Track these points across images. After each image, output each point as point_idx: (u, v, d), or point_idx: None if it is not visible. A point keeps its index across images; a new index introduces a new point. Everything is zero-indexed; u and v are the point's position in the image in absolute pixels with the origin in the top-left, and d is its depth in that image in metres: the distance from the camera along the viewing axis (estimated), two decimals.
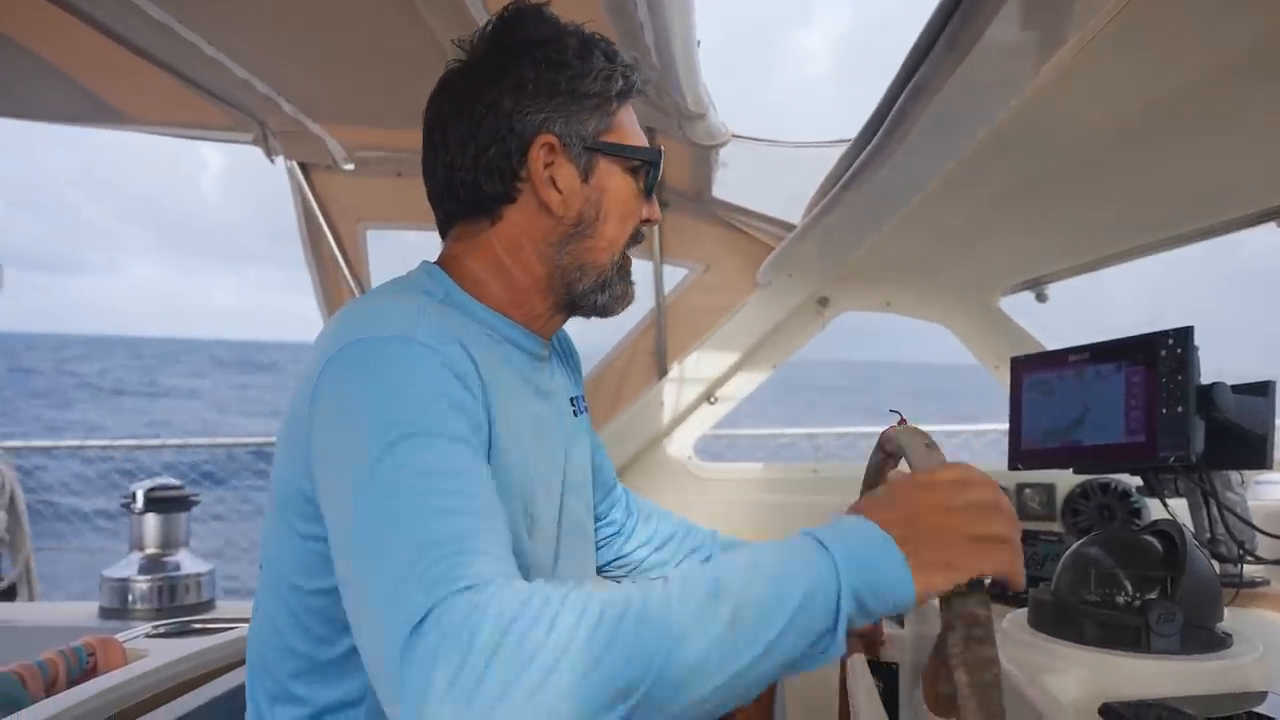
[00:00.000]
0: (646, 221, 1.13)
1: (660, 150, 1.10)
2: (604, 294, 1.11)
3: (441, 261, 1.11)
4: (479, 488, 0.83)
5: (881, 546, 0.74)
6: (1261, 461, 1.37)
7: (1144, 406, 1.40)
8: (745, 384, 2.58)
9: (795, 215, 2.08)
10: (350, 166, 2.25)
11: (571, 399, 1.25)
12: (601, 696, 0.66)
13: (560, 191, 1.05)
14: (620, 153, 1.07)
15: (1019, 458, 1.66)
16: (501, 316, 1.08)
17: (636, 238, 1.14)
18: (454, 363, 0.90)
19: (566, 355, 1.31)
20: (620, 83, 1.06)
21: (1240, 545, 1.44)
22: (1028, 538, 1.64)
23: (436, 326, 0.92)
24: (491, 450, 0.95)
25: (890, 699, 1.16)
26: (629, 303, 1.16)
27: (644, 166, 1.10)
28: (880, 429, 1.13)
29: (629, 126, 1.10)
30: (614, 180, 1.08)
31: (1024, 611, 1.21)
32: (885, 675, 1.50)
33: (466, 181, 1.05)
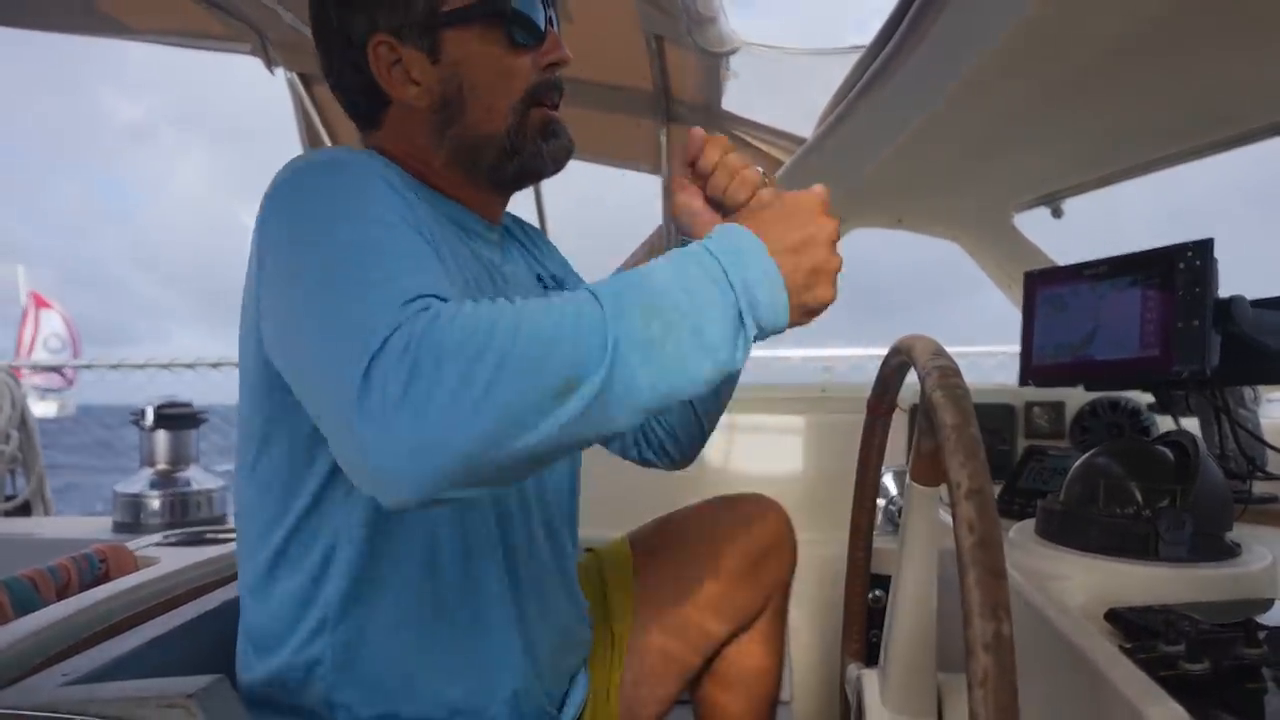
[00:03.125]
0: (552, 65, 1.03)
1: None
2: (514, 161, 1.03)
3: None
4: (424, 245, 0.81)
5: (750, 241, 0.78)
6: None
7: (1159, 321, 1.37)
8: None
9: (808, 130, 2.04)
10: None
11: (539, 276, 1.19)
12: (552, 383, 0.67)
13: (417, 83, 0.99)
14: (459, 19, 0.98)
15: (1030, 374, 1.64)
16: (440, 194, 1.04)
17: (542, 90, 1.03)
18: (397, 185, 0.87)
19: (526, 235, 1.24)
20: None
21: (1251, 461, 1.43)
22: (1036, 453, 1.64)
23: (381, 164, 0.90)
24: None
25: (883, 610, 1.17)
26: (562, 157, 1.07)
27: (497, 17, 0.99)
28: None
29: None
30: (468, 47, 0.99)
31: (1032, 521, 1.21)
32: (879, 585, 1.51)
33: (341, 100, 1.05)
